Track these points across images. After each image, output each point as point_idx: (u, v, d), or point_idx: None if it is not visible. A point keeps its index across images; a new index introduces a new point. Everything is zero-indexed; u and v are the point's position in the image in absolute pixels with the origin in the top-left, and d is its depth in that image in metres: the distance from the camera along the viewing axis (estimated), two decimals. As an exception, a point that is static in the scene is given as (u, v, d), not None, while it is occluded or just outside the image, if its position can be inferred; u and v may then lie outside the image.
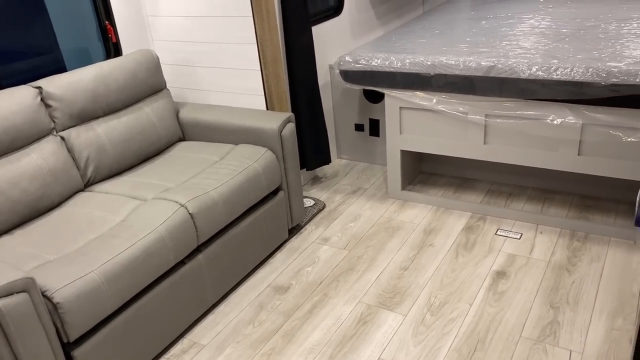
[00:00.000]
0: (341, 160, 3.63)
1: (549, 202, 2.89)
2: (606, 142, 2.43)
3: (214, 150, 2.64)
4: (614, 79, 2.26)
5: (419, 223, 2.84)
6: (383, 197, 3.13)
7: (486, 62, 2.52)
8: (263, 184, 2.50)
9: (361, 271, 2.52)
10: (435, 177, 3.28)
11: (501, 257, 2.52)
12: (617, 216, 2.70)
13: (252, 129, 2.64)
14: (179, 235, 2.07)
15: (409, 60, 2.69)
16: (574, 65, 2.35)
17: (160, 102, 2.74)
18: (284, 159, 2.66)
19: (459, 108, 2.68)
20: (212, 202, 2.23)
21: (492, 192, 3.05)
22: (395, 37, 3.13)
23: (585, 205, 2.83)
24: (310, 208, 3.06)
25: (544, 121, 2.51)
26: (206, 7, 2.76)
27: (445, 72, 2.61)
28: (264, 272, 2.58)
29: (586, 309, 2.16)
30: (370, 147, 3.49)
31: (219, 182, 2.32)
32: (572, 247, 2.54)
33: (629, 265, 2.37)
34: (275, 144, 2.61)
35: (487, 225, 2.77)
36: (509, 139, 2.64)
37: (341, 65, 2.91)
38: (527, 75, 2.44)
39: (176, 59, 3.00)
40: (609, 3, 3.38)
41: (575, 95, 2.37)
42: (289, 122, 2.65)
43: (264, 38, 2.71)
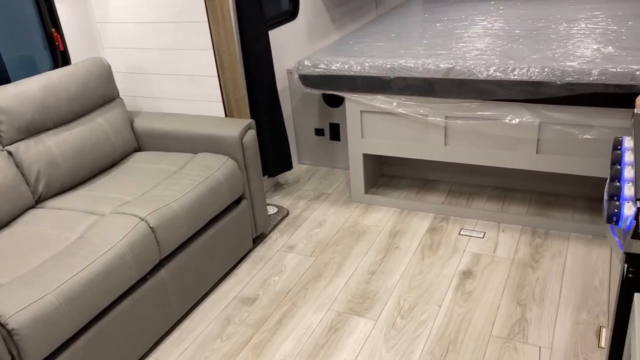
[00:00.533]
0: (302, 166, 3.60)
1: (509, 201, 2.94)
2: (563, 140, 2.48)
3: (172, 160, 2.55)
4: (569, 78, 2.32)
5: (384, 226, 2.84)
6: (347, 201, 3.12)
7: (445, 64, 2.54)
8: (225, 193, 2.43)
9: (329, 278, 2.49)
10: (397, 179, 3.29)
11: (466, 256, 2.54)
12: (575, 212, 2.78)
13: (212, 137, 2.57)
14: (140, 251, 1.98)
15: (369, 64, 2.69)
16: (530, 65, 2.40)
17: (114, 112, 2.63)
18: (246, 166, 2.60)
19: (419, 110, 2.69)
20: (173, 214, 2.15)
21: (453, 192, 3.08)
22: (352, 41, 3.13)
23: (543, 202, 2.90)
24: (274, 215, 3.01)
25: (503, 121, 2.55)
26: (159, 13, 2.67)
27: (405, 75, 2.62)
28: (229, 284, 2.51)
29: (552, 304, 2.20)
30: (331, 152, 3.47)
31: (179, 193, 2.24)
32: (534, 243, 2.59)
33: (589, 259, 2.44)
34: (236, 151, 2.54)
35: (451, 225, 2.79)
36: (469, 140, 2.67)
37: (300, 69, 2.88)
38: (485, 77, 2.47)
39: (128, 66, 2.90)
40: (557, 4, 3.48)
41: (532, 94, 2.41)
42: (249, 129, 2.60)
43: (221, 43, 2.65)
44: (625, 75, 2.21)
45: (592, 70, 2.28)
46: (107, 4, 2.77)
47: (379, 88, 2.71)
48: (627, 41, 2.58)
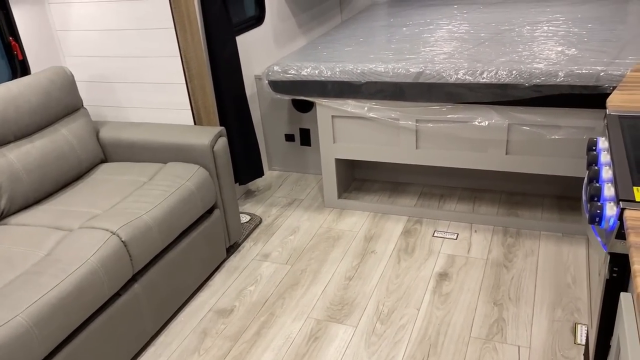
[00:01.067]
0: (273, 172, 3.56)
1: (479, 201, 2.98)
2: (532, 140, 2.53)
3: (141, 171, 2.48)
4: (536, 80, 2.36)
5: (359, 231, 2.83)
6: (320, 207, 3.10)
7: (414, 69, 2.56)
8: (198, 203, 2.38)
9: (306, 285, 2.46)
10: (369, 183, 3.29)
11: (441, 258, 2.55)
12: (544, 210, 2.83)
13: (182, 145, 2.51)
14: (113, 266, 1.91)
15: (339, 69, 2.68)
16: (498, 68, 2.44)
17: (78, 123, 2.54)
18: (218, 175, 2.55)
19: (390, 114, 2.70)
20: (145, 227, 2.08)
21: (424, 194, 3.11)
22: (321, 46, 3.12)
23: (513, 201, 2.95)
24: (247, 224, 2.97)
25: (473, 123, 2.58)
26: (123, 20, 2.60)
27: (376, 80, 2.62)
28: (204, 296, 2.46)
29: (527, 303, 2.23)
30: (302, 157, 3.45)
31: (151, 205, 2.17)
32: (507, 243, 2.62)
33: (561, 257, 2.49)
34: (207, 160, 2.49)
35: (424, 227, 2.81)
36: (440, 143, 2.69)
37: (270, 75, 2.85)
38: (454, 80, 2.50)
39: (92, 75, 2.81)
40: (518, 8, 3.56)
41: (501, 97, 2.45)
42: (220, 136, 2.55)
43: (188, 50, 2.60)
44: (591, 76, 2.27)
45: (558, 72, 2.33)
46: (68, 11, 2.68)
47: (350, 93, 2.71)
48: (589, 43, 2.65)
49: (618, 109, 1.53)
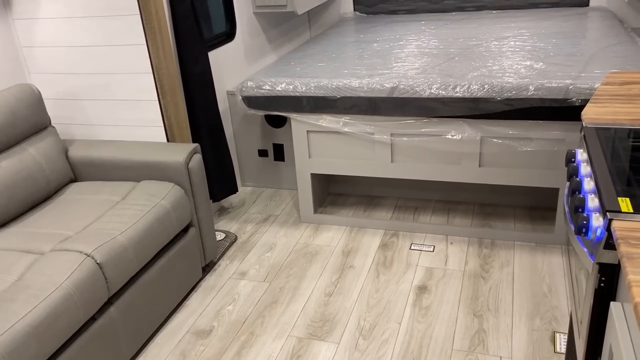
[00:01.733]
0: (246, 188, 3.53)
1: (453, 213, 3.02)
2: (504, 153, 2.58)
3: (113, 190, 2.41)
4: (508, 93, 2.42)
5: (336, 245, 2.82)
6: (296, 222, 3.08)
7: (389, 84, 2.58)
8: (173, 222, 2.32)
9: (286, 303, 2.43)
10: (344, 197, 3.29)
11: (420, 271, 2.57)
12: (516, 221, 2.89)
13: (155, 163, 2.46)
14: (88, 290, 1.85)
15: (314, 84, 2.69)
16: (470, 82, 2.49)
17: (46, 141, 2.46)
18: (193, 193, 2.50)
19: (365, 129, 2.71)
20: (121, 248, 2.02)
21: (399, 207, 3.13)
22: (294, 62, 3.12)
23: (485, 213, 3.00)
24: (222, 242, 2.92)
25: (446, 137, 2.62)
26: (94, 36, 2.54)
27: (351, 95, 2.64)
28: (181, 317, 2.40)
29: (506, 313, 2.26)
30: (276, 173, 3.43)
31: (126, 225, 2.11)
32: (482, 254, 2.66)
33: (536, 266, 2.53)
34: (182, 178, 2.45)
35: (401, 240, 2.82)
36: (415, 156, 2.72)
37: (243, 91, 2.83)
38: (428, 94, 2.53)
39: (59, 92, 2.73)
40: (484, 23, 3.65)
41: (473, 110, 2.50)
42: (195, 153, 2.51)
43: (160, 66, 2.55)
44: (560, 89, 2.34)
45: (528, 86, 2.39)
46: (33, 27, 2.60)
47: (325, 108, 2.71)
48: (555, 57, 2.73)
49: (593, 121, 1.57)
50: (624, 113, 1.61)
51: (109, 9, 2.47)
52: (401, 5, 4.21)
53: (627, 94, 1.76)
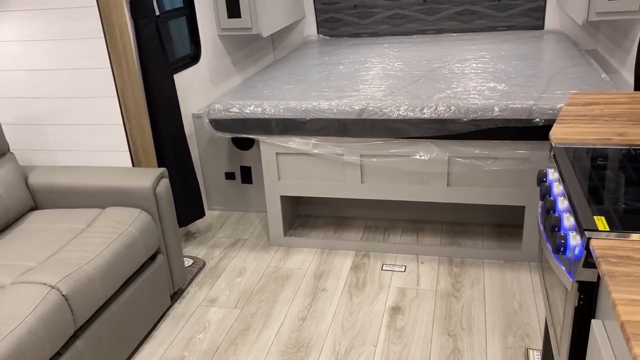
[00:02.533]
0: (213, 212, 3.47)
1: (422, 232, 3.04)
2: (471, 172, 2.63)
3: (77, 218, 2.33)
4: (473, 114, 2.47)
5: (308, 268, 2.79)
6: (265, 245, 3.04)
7: (357, 106, 2.60)
8: (141, 249, 2.25)
9: (258, 329, 2.38)
10: (313, 219, 3.28)
11: (392, 292, 2.56)
12: (484, 239, 2.93)
13: (121, 189, 2.39)
14: (53, 324, 1.76)
15: (283, 107, 2.68)
16: (437, 104, 2.53)
17: (4, 168, 2.36)
18: (161, 219, 2.44)
19: (335, 150, 2.72)
20: (87, 278, 1.94)
21: (369, 228, 3.13)
22: (260, 84, 3.11)
23: (454, 231, 3.03)
24: (190, 268, 2.85)
25: (415, 157, 2.65)
26: (55, 59, 2.47)
27: (320, 117, 2.64)
28: (149, 348, 2.31)
29: (480, 332, 2.27)
30: (244, 195, 3.39)
31: (92, 254, 2.03)
32: (453, 273, 2.68)
33: (505, 284, 2.57)
34: (149, 203, 2.38)
35: (372, 261, 2.82)
36: (385, 176, 2.74)
37: (211, 114, 2.80)
38: (396, 116, 2.56)
39: (18, 117, 2.63)
40: (445, 46, 3.74)
41: (441, 131, 2.54)
42: (162, 178, 2.45)
43: (125, 90, 2.50)
44: (523, 110, 2.41)
45: (493, 107, 2.45)
46: (-9, 49, 2.51)
47: (294, 130, 2.70)
48: (517, 79, 2.82)
49: (562, 141, 1.62)
50: (589, 133, 1.66)
51: (72, 32, 2.41)
52: (364, 29, 4.27)
53: (590, 114, 1.82)
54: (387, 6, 4.14)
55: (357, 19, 4.24)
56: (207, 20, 3.38)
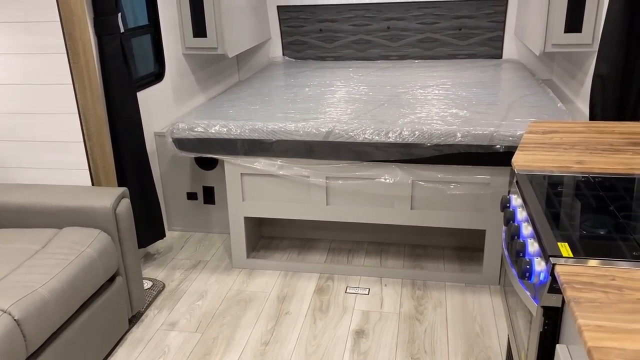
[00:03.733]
0: (173, 233, 3.39)
1: (385, 255, 3.06)
2: (434, 196, 2.67)
3: (32, 238, 2.23)
4: (437, 139, 2.52)
5: (271, 291, 2.76)
6: (227, 268, 2.99)
7: (324, 128, 2.62)
8: (99, 271, 2.18)
9: (220, 354, 2.32)
10: (277, 240, 3.25)
11: (356, 315, 2.56)
12: (446, 262, 2.97)
13: (80, 208, 2.31)
14: (4, 350, 1.67)
15: (249, 127, 2.67)
16: (402, 128, 2.57)
17: (-46, 185, 2.25)
18: (120, 240, 2.37)
19: (301, 172, 2.72)
20: (42, 302, 1.86)
21: (333, 250, 3.13)
22: (226, 104, 3.09)
23: (416, 254, 3.06)
24: (149, 290, 2.77)
25: (379, 180, 2.68)
26: (12, 73, 2.39)
27: (286, 138, 2.64)
28: (105, 374, 2.22)
29: (442, 355, 2.29)
30: (206, 216, 3.33)
31: (47, 276, 1.95)
32: (416, 296, 2.70)
33: (467, 306, 2.60)
34: (109, 224, 2.31)
35: (336, 284, 2.81)
36: (350, 199, 2.75)
37: (174, 133, 2.76)
38: (362, 139, 2.59)
39: (-29, 132, 2.53)
40: (408, 72, 3.82)
41: (405, 155, 2.58)
42: (123, 197, 2.39)
43: (87, 107, 2.44)
44: (485, 136, 2.48)
45: (456, 133, 2.51)
46: (-56, 61, 2.41)
47: (260, 151, 2.69)
48: (477, 106, 2.90)
49: (524, 168, 1.67)
50: (550, 160, 1.72)
51: (33, 47, 2.34)
52: (329, 52, 4.33)
53: (550, 142, 1.88)
54: (352, 31, 4.21)
55: (323, 42, 4.29)
56: (171, 38, 3.36)
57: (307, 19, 4.23)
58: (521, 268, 1.25)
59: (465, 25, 4.04)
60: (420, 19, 4.08)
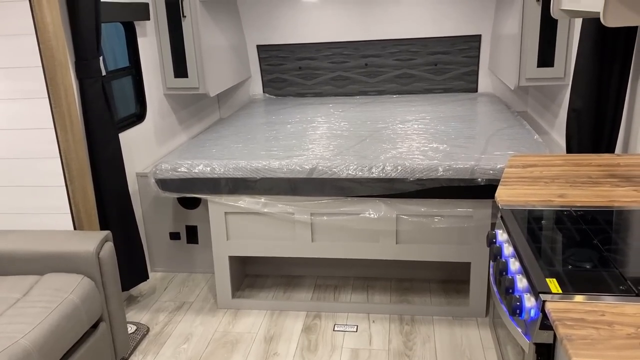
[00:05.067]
0: (156, 274, 3.34)
1: (372, 290, 3.05)
2: (418, 229, 2.69)
3: (12, 286, 2.18)
4: (419, 174, 2.56)
5: (257, 332, 2.72)
6: (212, 308, 2.94)
7: (308, 165, 2.64)
8: (83, 318, 2.13)
9: (208, 399, 2.27)
10: (262, 278, 3.22)
11: (345, 353, 2.53)
12: (432, 295, 2.97)
13: (62, 254, 2.27)
14: (-16, 407, 1.61)
15: (233, 166, 2.68)
16: (385, 164, 2.61)
17: None
18: (104, 284, 2.33)
19: (286, 209, 2.72)
20: (24, 353, 1.80)
21: (319, 287, 3.11)
22: (209, 143, 3.10)
23: (403, 288, 3.06)
24: (133, 335, 2.71)
25: (364, 215, 2.69)
26: (-7, 118, 2.38)
27: (270, 176, 2.65)
28: None
29: (434, 391, 2.27)
30: (189, 256, 3.29)
31: (29, 326, 1.90)
32: (404, 331, 2.69)
33: (455, 340, 2.60)
34: (92, 269, 2.27)
35: (324, 322, 2.79)
36: (335, 235, 2.75)
37: (157, 173, 2.75)
38: (346, 175, 2.61)
39: (-52, 178, 2.48)
40: (387, 107, 3.89)
41: (389, 190, 2.61)
42: (106, 241, 2.36)
43: (69, 151, 2.42)
44: (466, 170, 2.52)
45: (438, 167, 2.55)
46: None
47: (244, 189, 2.70)
48: (457, 140, 2.96)
49: (508, 203, 1.70)
50: (532, 195, 1.76)
51: (14, 92, 2.34)
52: (309, 89, 4.39)
53: (531, 176, 1.93)
54: (330, 68, 4.29)
55: (302, 79, 4.35)
56: (153, 79, 3.38)
57: (286, 57, 4.30)
58: (511, 305, 1.26)
59: (441, 60, 4.15)
60: (396, 56, 4.17)
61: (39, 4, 2.25)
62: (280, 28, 4.23)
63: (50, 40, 2.28)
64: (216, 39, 3.64)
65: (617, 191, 1.75)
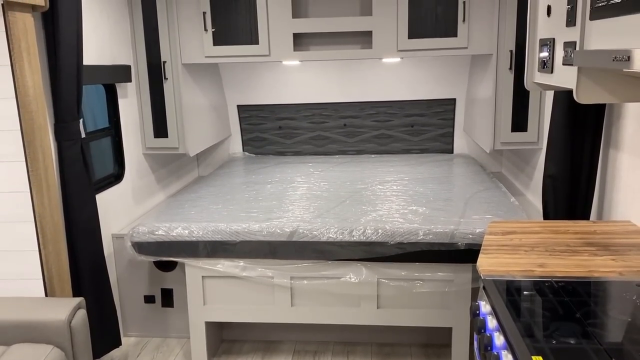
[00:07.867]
0: (129, 339, 3.22)
1: (353, 355, 2.98)
2: (400, 294, 2.67)
3: (-24, 358, 2.07)
4: (399, 238, 2.56)
5: (234, 402, 2.62)
6: (188, 377, 2.83)
7: (288, 228, 2.62)
8: (51, 392, 2.02)
9: None
10: (239, 344, 3.13)
11: None
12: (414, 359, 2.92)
13: (31, 323, 2.18)
14: None
15: (212, 229, 2.65)
16: (365, 227, 2.61)
17: None
18: (75, 355, 2.23)
19: (265, 272, 2.68)
20: None
21: (298, 352, 3.03)
22: (187, 204, 3.07)
23: (383, 353, 3.00)
24: (103, 407, 2.58)
25: (345, 279, 2.66)
26: (-34, 181, 2.32)
27: (250, 239, 2.63)
28: None
29: None
30: (164, 320, 3.19)
31: (-8, 404, 1.79)
32: (386, 399, 2.62)
33: (438, 409, 2.54)
34: (63, 338, 2.18)
35: (303, 390, 2.70)
36: (315, 299, 2.71)
37: (134, 236, 2.70)
38: (326, 238, 2.60)
39: None
40: (366, 167, 3.93)
41: (369, 254, 2.60)
42: (79, 309, 2.28)
43: (44, 214, 2.37)
44: (446, 234, 2.53)
45: (418, 231, 2.56)
46: None
47: (223, 252, 2.66)
48: (436, 202, 2.99)
49: (490, 273, 1.70)
50: (512, 264, 1.77)
51: (-11, 155, 2.30)
52: (288, 148, 4.43)
53: (511, 244, 1.94)
54: (310, 128, 4.35)
55: (282, 138, 4.39)
56: (132, 139, 3.37)
57: (266, 117, 4.35)
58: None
59: (417, 122, 4.25)
60: (374, 117, 4.26)
61: (20, 68, 2.25)
62: (261, 89, 4.30)
63: (30, 104, 2.27)
64: (197, 99, 3.68)
65: (596, 260, 1.77)
